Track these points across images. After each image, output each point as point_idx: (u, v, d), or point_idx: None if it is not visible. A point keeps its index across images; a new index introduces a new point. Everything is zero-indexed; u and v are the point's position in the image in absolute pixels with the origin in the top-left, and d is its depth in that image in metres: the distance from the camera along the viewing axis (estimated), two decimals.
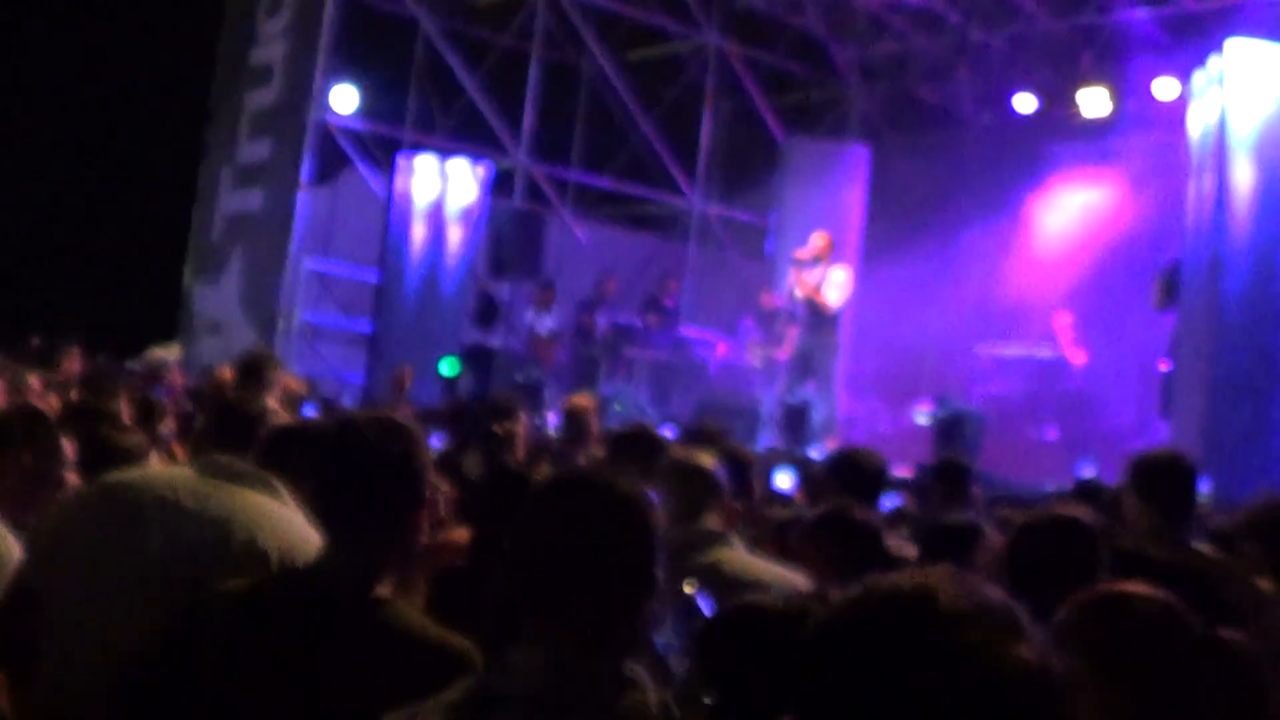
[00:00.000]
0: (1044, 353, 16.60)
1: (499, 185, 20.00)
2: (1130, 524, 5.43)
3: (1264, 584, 4.92)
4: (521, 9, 20.33)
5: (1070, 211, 18.11)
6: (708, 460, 5.02)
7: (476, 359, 17.32)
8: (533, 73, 20.22)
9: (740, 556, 4.72)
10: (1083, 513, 4.27)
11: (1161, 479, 5.60)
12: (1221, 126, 11.15)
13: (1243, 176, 10.92)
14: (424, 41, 20.00)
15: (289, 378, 9.83)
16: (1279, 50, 11.48)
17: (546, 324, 17.96)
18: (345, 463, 3.26)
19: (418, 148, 19.98)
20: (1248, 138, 10.99)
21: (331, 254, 19.33)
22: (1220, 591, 4.84)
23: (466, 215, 17.70)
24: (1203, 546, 5.46)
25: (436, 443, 9.33)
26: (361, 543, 3.18)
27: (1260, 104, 11.01)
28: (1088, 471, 10.70)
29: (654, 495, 2.75)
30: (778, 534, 6.03)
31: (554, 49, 21.33)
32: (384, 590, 3.17)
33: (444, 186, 17.69)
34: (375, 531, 3.20)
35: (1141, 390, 15.88)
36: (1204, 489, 9.29)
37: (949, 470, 8.26)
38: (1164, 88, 17.00)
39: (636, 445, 6.08)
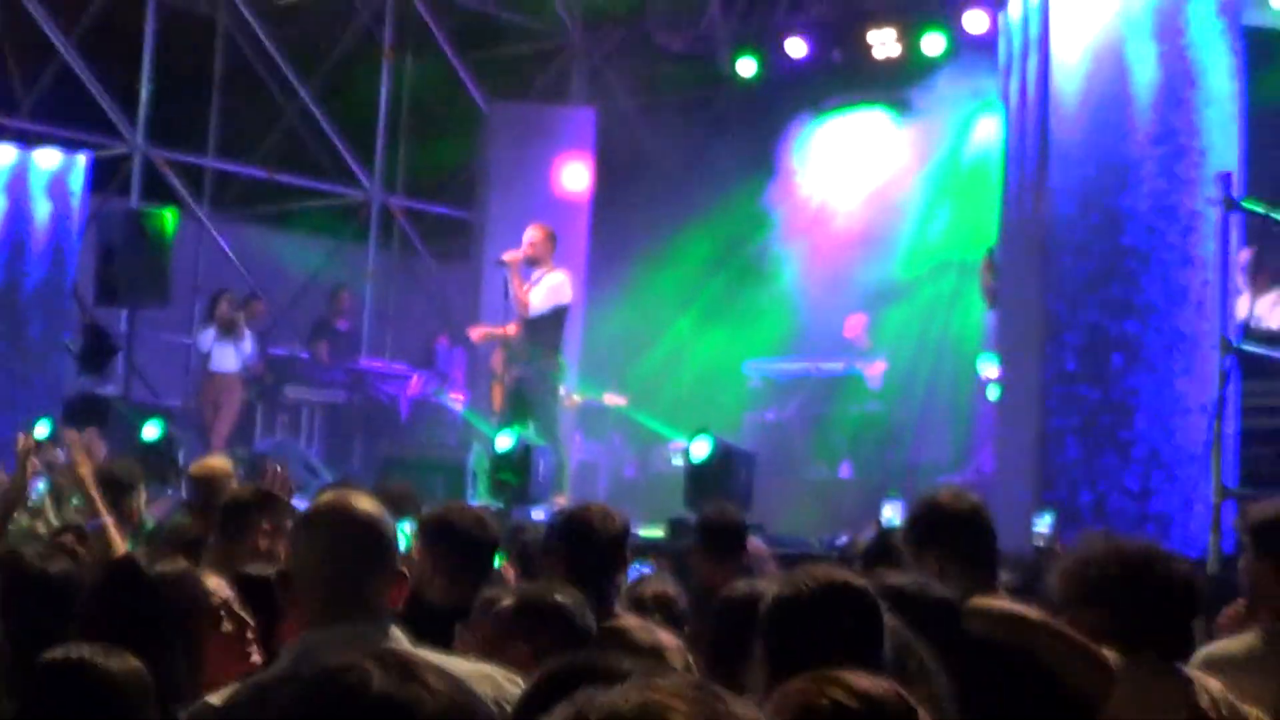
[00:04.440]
0: (833, 367, 16.63)
1: (109, 178, 19.35)
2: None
3: (1109, 654, 5.00)
4: None
5: (861, 185, 18.18)
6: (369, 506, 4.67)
7: (85, 414, 16.63)
8: (149, 28, 19.48)
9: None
10: (855, 577, 4.15)
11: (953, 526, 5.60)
12: (1044, 68, 11.22)
13: (1069, 123, 11.01)
14: None
15: None
16: None
17: (233, 353, 17.28)
18: None
19: None
20: (1076, 76, 11.08)
21: None
22: (1059, 670, 4.86)
23: (60, 221, 16.95)
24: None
25: None
26: None
27: (1088, 31, 11.10)
28: (893, 515, 10.58)
29: None
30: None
31: None
32: None
33: (28, 185, 16.92)
34: None
35: (961, 408, 16.02)
36: (1044, 527, 9.30)
37: (715, 527, 8.12)
38: (973, 21, 17.19)
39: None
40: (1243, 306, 11.21)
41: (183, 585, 4.49)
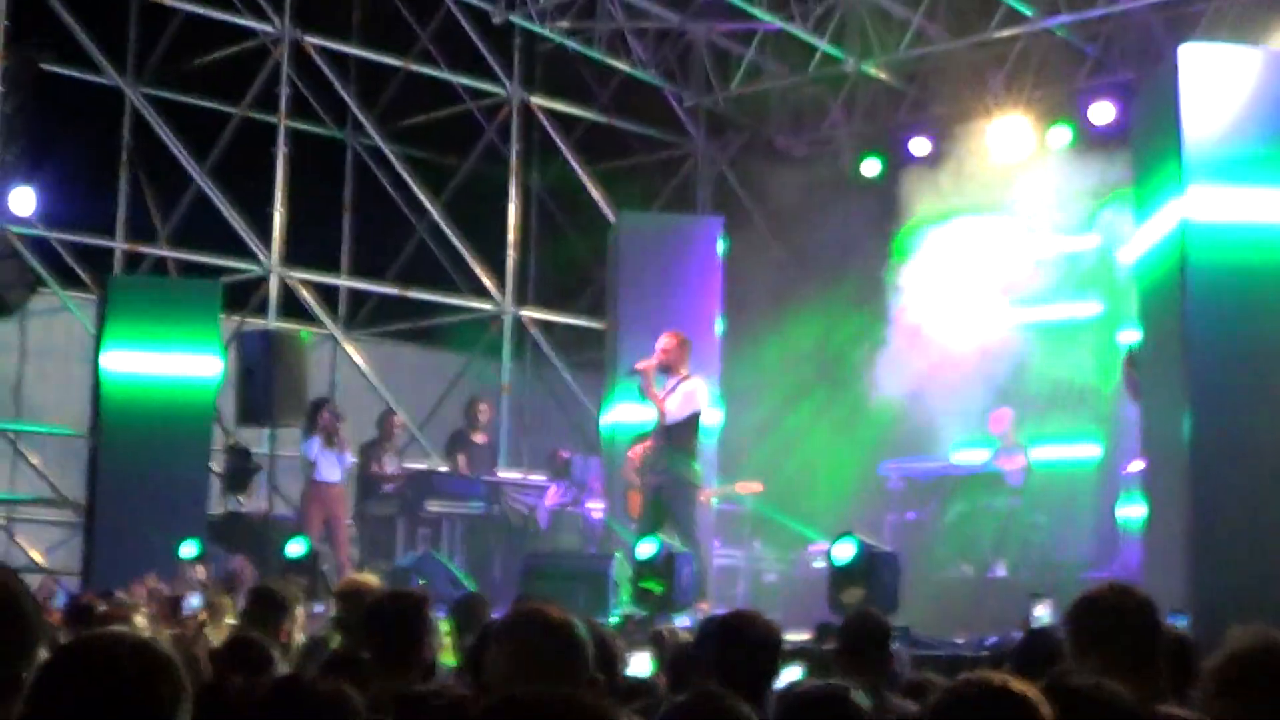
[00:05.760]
0: (971, 464, 16.55)
1: (246, 300, 19.60)
2: None
3: None
4: (258, 70, 19.95)
5: (988, 280, 18.11)
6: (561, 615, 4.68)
7: (230, 534, 16.82)
8: (280, 152, 19.77)
9: None
10: (1016, 680, 4.04)
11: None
12: (1178, 152, 11.16)
13: (1205, 208, 10.94)
14: (131, 118, 19.55)
15: None
16: (1242, 54, 11.54)
17: (336, 463, 17.25)
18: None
19: (134, 262, 19.53)
20: (1209, 162, 11.01)
21: (23, 409, 18.74)
22: None
23: (200, 344, 17.12)
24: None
25: None
26: None
27: (1220, 117, 11.04)
28: (1043, 614, 10.45)
29: None
30: None
31: (307, 119, 21.01)
32: None
33: (169, 310, 17.10)
34: None
35: (1104, 506, 15.87)
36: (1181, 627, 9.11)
37: (858, 630, 8.02)
38: (1099, 113, 17.18)
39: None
40: None
41: (341, 703, 4.51)
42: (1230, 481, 10.62)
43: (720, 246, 17.80)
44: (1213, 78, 11.16)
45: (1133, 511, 13.77)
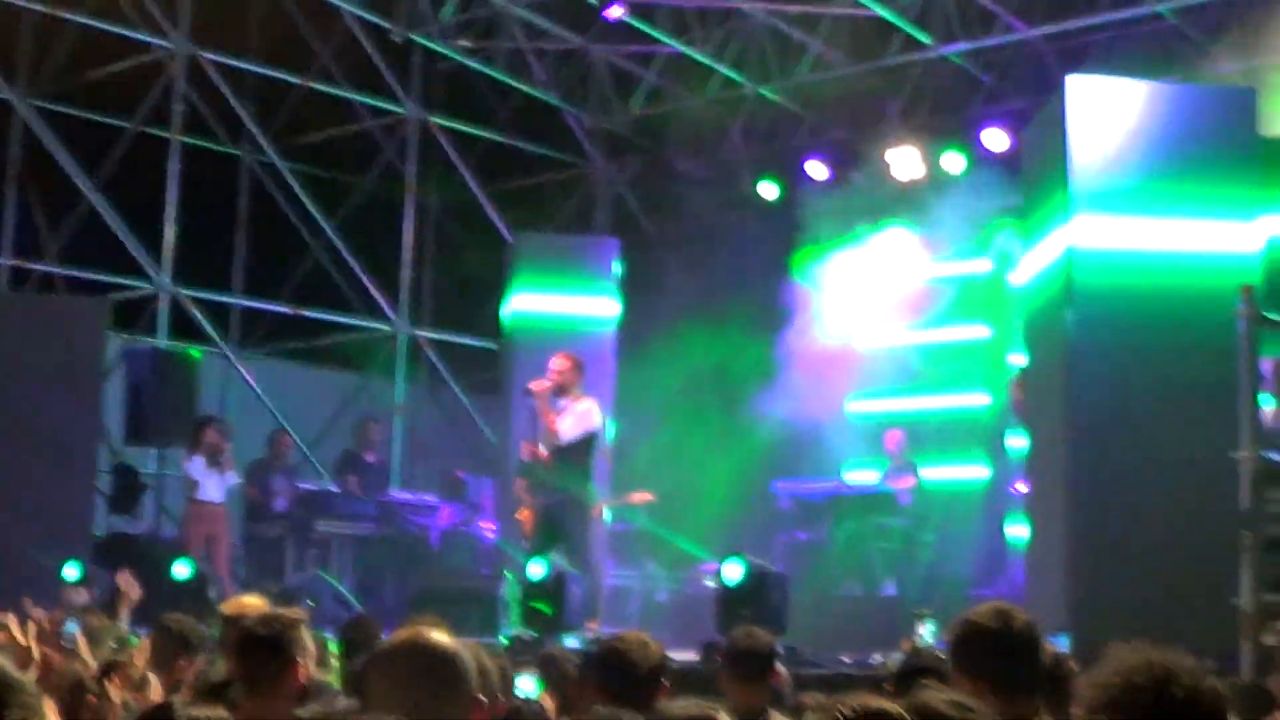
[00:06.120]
0: (862, 484, 16.73)
1: (136, 318, 19.46)
2: None
3: None
4: (153, 84, 19.87)
5: (883, 302, 18.33)
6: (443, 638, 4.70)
7: (115, 554, 16.62)
8: (173, 168, 19.65)
9: None
10: (889, 702, 4.08)
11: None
12: (1064, 181, 11.36)
13: (1090, 235, 11.14)
14: (21, 131, 19.41)
15: None
16: (1128, 87, 11.76)
17: (218, 483, 17.11)
18: None
19: (20, 278, 19.37)
20: (1094, 190, 11.21)
21: None
22: None
23: (88, 362, 17.00)
24: None
25: None
26: None
27: (1105, 147, 11.24)
28: (926, 633, 10.57)
29: None
30: None
31: (201, 134, 20.93)
32: None
33: (56, 328, 16.97)
34: None
35: (991, 525, 16.08)
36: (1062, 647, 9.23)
37: (742, 652, 8.09)
38: (992, 139, 17.43)
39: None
40: (1269, 415, 11.21)
41: None
42: (1109, 503, 10.80)
43: (616, 267, 17.90)
44: (1099, 109, 11.38)
45: (1019, 531, 13.96)
